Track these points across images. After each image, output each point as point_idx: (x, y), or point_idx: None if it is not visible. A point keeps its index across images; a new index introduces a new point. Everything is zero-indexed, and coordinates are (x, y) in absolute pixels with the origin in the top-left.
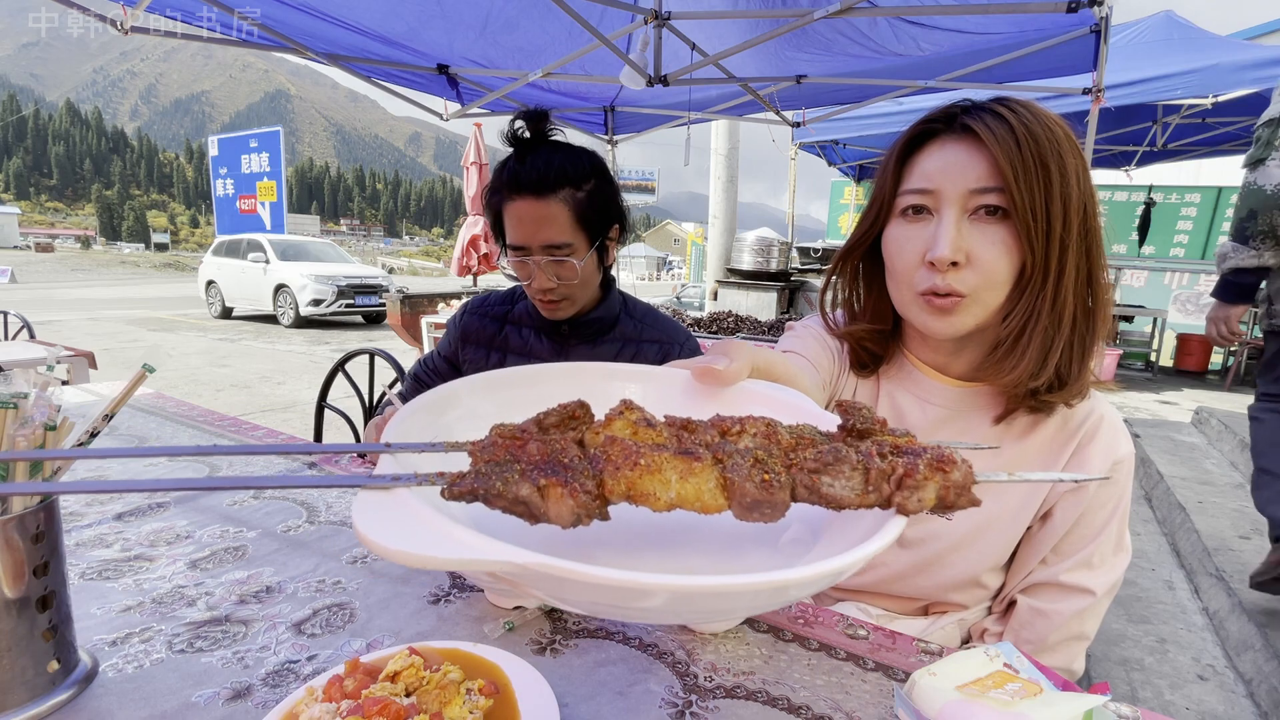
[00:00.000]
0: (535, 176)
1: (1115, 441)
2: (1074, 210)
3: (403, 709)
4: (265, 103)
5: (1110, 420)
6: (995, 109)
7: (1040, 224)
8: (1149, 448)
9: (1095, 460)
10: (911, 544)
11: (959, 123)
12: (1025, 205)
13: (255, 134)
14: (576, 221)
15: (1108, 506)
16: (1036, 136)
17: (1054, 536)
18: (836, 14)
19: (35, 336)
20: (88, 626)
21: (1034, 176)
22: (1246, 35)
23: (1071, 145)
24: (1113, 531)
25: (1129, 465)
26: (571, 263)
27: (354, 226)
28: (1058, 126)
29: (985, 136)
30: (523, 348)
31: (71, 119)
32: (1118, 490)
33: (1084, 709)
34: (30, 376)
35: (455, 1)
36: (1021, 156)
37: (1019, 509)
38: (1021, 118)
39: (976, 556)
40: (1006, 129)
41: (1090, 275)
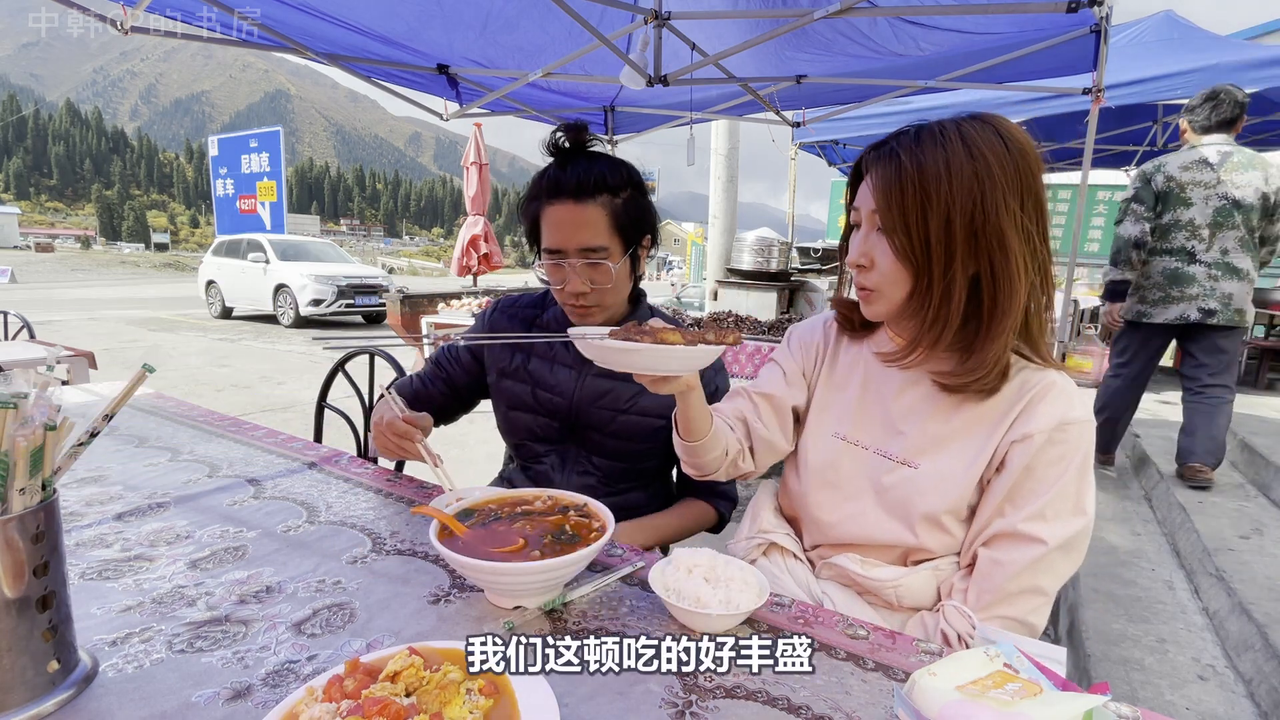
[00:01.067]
0: (576, 182)
1: (1063, 405)
2: (959, 226)
3: (403, 709)
4: (265, 103)
5: (1062, 388)
6: (915, 140)
7: (916, 240)
8: (1149, 448)
9: (1040, 416)
10: (886, 489)
11: (885, 148)
12: (892, 226)
13: (255, 134)
14: (613, 227)
15: (1059, 464)
16: (924, 167)
17: (1006, 485)
18: (836, 14)
19: (35, 336)
20: (88, 626)
21: (908, 203)
22: (1246, 35)
23: (986, 168)
24: (1068, 491)
25: (1079, 430)
26: (606, 266)
27: (354, 226)
28: (976, 154)
29: (871, 170)
30: (547, 352)
31: (71, 119)
32: (1067, 450)
33: (1084, 709)
34: (30, 376)
35: (455, 1)
36: (900, 185)
37: (975, 456)
38: (917, 151)
39: (937, 499)
40: (894, 164)
41: (993, 276)
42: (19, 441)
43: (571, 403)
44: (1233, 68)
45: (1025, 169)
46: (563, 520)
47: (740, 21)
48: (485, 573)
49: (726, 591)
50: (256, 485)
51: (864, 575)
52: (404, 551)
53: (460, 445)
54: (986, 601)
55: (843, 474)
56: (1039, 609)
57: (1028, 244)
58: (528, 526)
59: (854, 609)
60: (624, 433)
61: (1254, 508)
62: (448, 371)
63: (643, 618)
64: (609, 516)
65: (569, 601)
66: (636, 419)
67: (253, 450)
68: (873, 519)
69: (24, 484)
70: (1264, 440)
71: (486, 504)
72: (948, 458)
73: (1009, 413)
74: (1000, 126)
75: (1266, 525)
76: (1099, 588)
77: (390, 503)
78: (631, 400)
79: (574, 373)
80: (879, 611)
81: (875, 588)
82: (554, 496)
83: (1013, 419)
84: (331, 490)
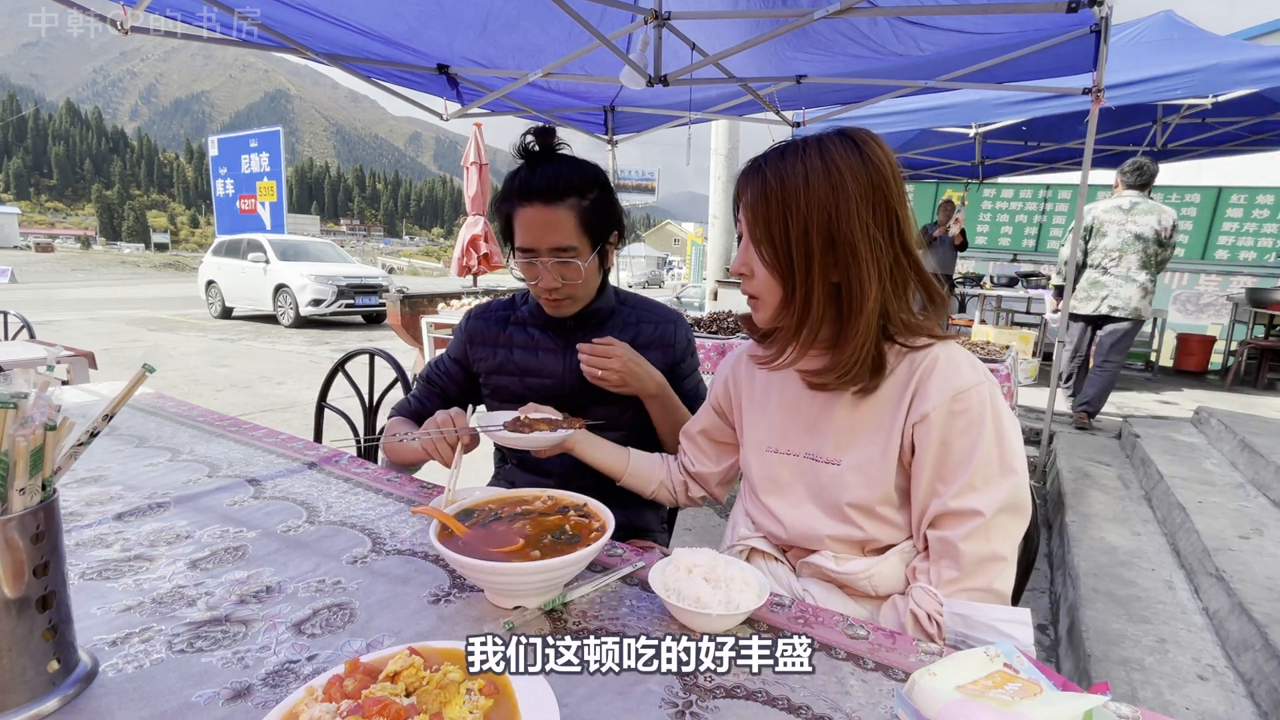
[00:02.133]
0: (545, 185)
1: (951, 376)
2: (816, 239)
3: (403, 709)
4: (265, 103)
5: (948, 358)
6: (780, 156)
7: (780, 249)
8: (1149, 448)
9: (932, 393)
10: (820, 489)
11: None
12: (758, 238)
13: (255, 134)
14: (581, 227)
15: (968, 432)
16: (785, 183)
17: (927, 465)
18: (836, 14)
19: (35, 336)
20: (88, 626)
21: (772, 215)
22: (1246, 35)
23: (840, 182)
24: (990, 454)
25: (976, 394)
26: (576, 264)
27: (354, 226)
28: (833, 169)
29: (740, 188)
30: (528, 343)
31: (71, 119)
32: (971, 417)
33: (1084, 709)
34: (30, 376)
35: (455, 2)
36: (765, 199)
37: (885, 444)
38: (781, 167)
39: (864, 490)
40: (760, 179)
41: (848, 281)
42: (19, 441)
43: (564, 381)
44: (1233, 68)
45: (880, 181)
46: (563, 520)
47: (740, 21)
48: (485, 573)
49: (726, 591)
50: (256, 485)
51: (838, 571)
52: (404, 551)
53: None
54: (949, 578)
55: (783, 482)
56: (1001, 574)
57: (874, 251)
58: (528, 526)
59: (834, 602)
60: (622, 398)
61: (1254, 508)
62: (440, 385)
63: (643, 618)
64: (609, 516)
65: (569, 601)
66: None
67: (253, 450)
68: (817, 519)
69: (24, 484)
70: (1264, 440)
71: (486, 504)
72: (862, 449)
73: (904, 396)
74: (861, 141)
75: (1266, 525)
76: (1099, 588)
77: (390, 503)
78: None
79: (559, 355)
80: (859, 603)
81: (849, 580)
82: (554, 496)
83: (908, 402)
84: (331, 490)
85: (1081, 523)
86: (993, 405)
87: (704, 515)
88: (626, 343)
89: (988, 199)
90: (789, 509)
